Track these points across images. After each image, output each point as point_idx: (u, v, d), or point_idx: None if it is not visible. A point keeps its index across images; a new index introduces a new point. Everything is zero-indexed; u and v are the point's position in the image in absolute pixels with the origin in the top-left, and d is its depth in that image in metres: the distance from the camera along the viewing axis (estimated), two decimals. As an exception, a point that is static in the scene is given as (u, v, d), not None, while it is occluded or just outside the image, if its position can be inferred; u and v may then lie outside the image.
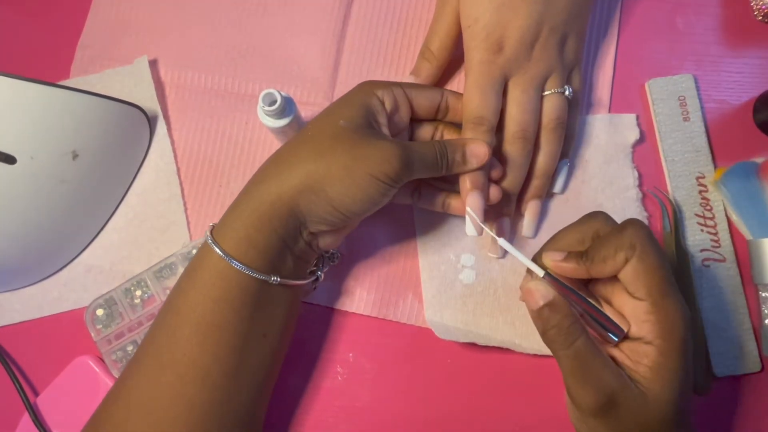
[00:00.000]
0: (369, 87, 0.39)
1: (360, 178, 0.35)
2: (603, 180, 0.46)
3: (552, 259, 0.36)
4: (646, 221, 0.45)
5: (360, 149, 0.35)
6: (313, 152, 0.36)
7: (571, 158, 0.46)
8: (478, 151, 0.38)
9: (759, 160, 0.45)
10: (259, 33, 0.50)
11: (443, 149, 0.38)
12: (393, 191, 0.36)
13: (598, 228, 0.36)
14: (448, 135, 0.42)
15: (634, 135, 0.46)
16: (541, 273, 0.36)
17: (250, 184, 0.37)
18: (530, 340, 0.44)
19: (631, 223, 0.34)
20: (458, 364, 0.45)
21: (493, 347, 0.44)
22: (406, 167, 0.35)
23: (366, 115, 0.37)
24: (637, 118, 0.47)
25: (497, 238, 0.38)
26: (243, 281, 0.35)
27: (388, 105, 0.39)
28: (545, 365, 0.44)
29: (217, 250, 0.35)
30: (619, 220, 0.45)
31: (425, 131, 0.43)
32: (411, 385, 0.44)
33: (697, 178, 0.46)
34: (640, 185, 0.46)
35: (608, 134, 0.46)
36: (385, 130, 0.38)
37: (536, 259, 0.37)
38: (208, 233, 0.36)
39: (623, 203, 0.45)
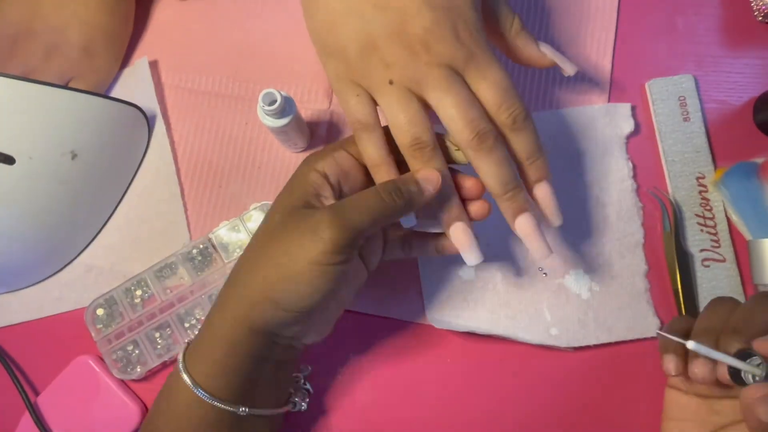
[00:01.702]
0: (306, 164, 0.35)
1: (299, 272, 0.32)
2: (599, 172, 0.46)
3: None
4: (640, 212, 0.45)
5: (292, 239, 0.32)
6: (249, 261, 0.34)
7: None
8: (428, 175, 0.33)
9: (759, 160, 0.45)
10: (259, 33, 0.50)
11: (394, 186, 0.33)
12: (346, 266, 0.33)
13: None
14: None
15: (628, 126, 0.46)
16: (762, 373, 0.30)
17: (213, 307, 0.36)
18: (533, 333, 0.44)
19: None
20: (459, 362, 0.45)
21: (495, 345, 0.44)
22: (344, 231, 0.31)
23: (304, 197, 0.34)
24: (632, 108, 0.47)
25: (685, 342, 0.31)
26: (215, 412, 0.34)
27: (332, 175, 0.35)
28: (549, 357, 0.44)
29: (186, 379, 0.34)
30: (615, 211, 0.45)
31: None
32: (412, 383, 0.44)
33: (697, 179, 0.46)
34: (635, 176, 0.46)
35: (603, 125, 0.47)
36: (331, 201, 0.34)
37: (724, 343, 0.31)
38: (181, 357, 0.36)
39: (619, 195, 0.46)
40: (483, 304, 0.44)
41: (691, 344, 0.30)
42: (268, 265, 0.33)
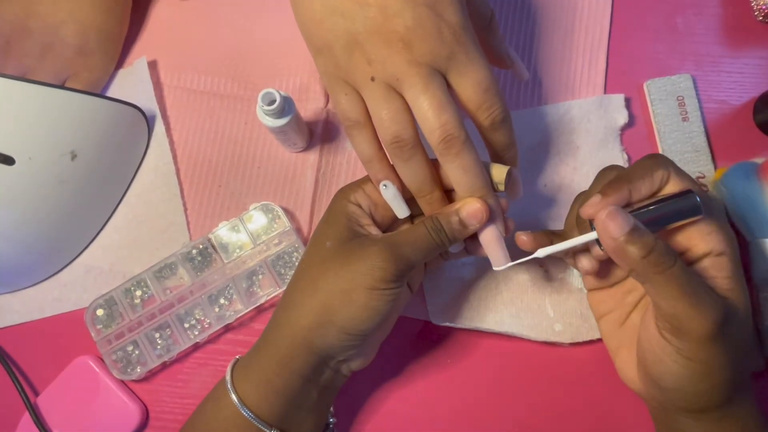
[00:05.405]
0: (342, 196, 0.38)
1: (360, 297, 0.34)
2: (594, 165, 0.46)
3: (593, 206, 0.33)
4: None
5: (350, 266, 0.34)
6: (309, 287, 0.36)
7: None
8: (473, 210, 0.34)
9: (759, 160, 0.44)
10: (259, 33, 0.50)
11: (436, 224, 0.35)
12: (399, 289, 0.35)
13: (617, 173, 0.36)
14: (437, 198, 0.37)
15: (622, 117, 0.47)
16: (593, 236, 0.34)
17: (267, 328, 0.38)
18: (538, 330, 0.44)
19: (654, 153, 0.35)
20: (460, 360, 0.45)
21: (497, 343, 0.44)
22: (399, 263, 0.34)
23: (348, 226, 0.36)
24: (626, 99, 0.47)
25: (536, 255, 0.36)
26: (254, 430, 0.36)
27: (364, 205, 0.37)
28: (552, 354, 0.44)
29: (234, 398, 0.36)
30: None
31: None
32: (412, 383, 0.45)
33: (697, 178, 0.46)
34: None
35: (597, 117, 0.47)
36: (373, 230, 0.37)
37: (575, 222, 0.37)
38: (229, 374, 0.37)
39: None
40: (486, 303, 0.44)
41: (539, 252, 0.35)
42: (329, 291, 0.35)
